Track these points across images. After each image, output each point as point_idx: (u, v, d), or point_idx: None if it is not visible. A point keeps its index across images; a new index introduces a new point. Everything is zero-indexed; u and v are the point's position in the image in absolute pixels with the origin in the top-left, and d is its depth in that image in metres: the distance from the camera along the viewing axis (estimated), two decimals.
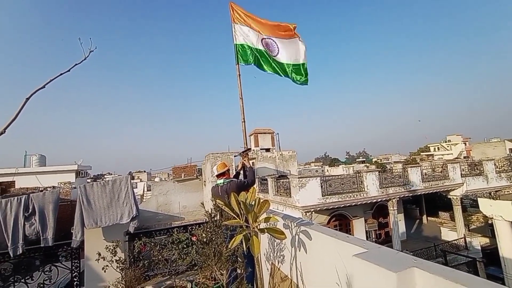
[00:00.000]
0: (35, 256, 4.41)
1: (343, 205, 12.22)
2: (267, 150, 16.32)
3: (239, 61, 4.23)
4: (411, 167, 14.24)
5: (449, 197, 15.41)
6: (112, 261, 4.00)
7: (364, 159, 70.70)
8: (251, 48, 4.37)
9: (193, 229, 4.84)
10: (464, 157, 38.79)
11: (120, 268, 4.09)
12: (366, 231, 15.43)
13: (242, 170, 3.94)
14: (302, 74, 4.46)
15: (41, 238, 4.08)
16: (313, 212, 11.69)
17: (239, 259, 3.01)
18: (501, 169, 15.66)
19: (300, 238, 2.48)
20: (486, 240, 15.45)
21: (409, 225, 19.22)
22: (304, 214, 11.03)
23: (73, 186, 16.28)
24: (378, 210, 16.01)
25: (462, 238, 14.84)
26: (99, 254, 3.98)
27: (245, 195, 2.35)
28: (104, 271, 3.99)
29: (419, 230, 19.75)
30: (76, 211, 4.23)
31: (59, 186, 15.85)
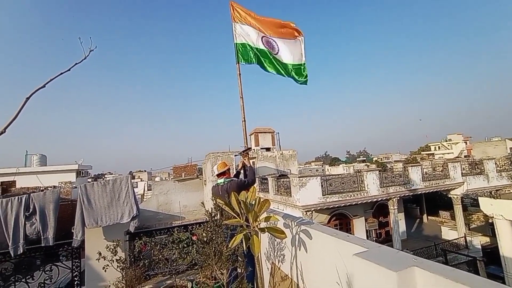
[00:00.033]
0: (36, 256, 4.41)
1: (344, 204, 12.23)
2: (268, 150, 16.30)
3: (240, 60, 4.20)
4: (412, 166, 14.25)
5: (450, 196, 15.41)
6: (113, 261, 4.00)
7: (365, 158, 70.64)
8: (252, 48, 4.36)
9: (194, 229, 4.84)
10: (465, 156, 38.69)
11: (121, 268, 4.09)
12: (367, 230, 15.44)
13: (243, 170, 3.94)
14: (302, 74, 4.45)
15: (42, 238, 4.08)
16: (314, 212, 11.69)
17: (240, 259, 3.01)
18: (502, 168, 15.66)
19: (301, 238, 2.48)
20: (487, 239, 15.44)
21: (410, 224, 19.22)
22: (305, 214, 11.03)
23: (74, 186, 16.29)
24: (379, 209, 16.02)
25: (463, 237, 14.85)
26: (100, 254, 3.98)
27: (246, 195, 2.35)
28: (105, 271, 3.99)
29: (420, 229, 19.75)
30: (77, 211, 4.23)
31: (60, 186, 15.89)
